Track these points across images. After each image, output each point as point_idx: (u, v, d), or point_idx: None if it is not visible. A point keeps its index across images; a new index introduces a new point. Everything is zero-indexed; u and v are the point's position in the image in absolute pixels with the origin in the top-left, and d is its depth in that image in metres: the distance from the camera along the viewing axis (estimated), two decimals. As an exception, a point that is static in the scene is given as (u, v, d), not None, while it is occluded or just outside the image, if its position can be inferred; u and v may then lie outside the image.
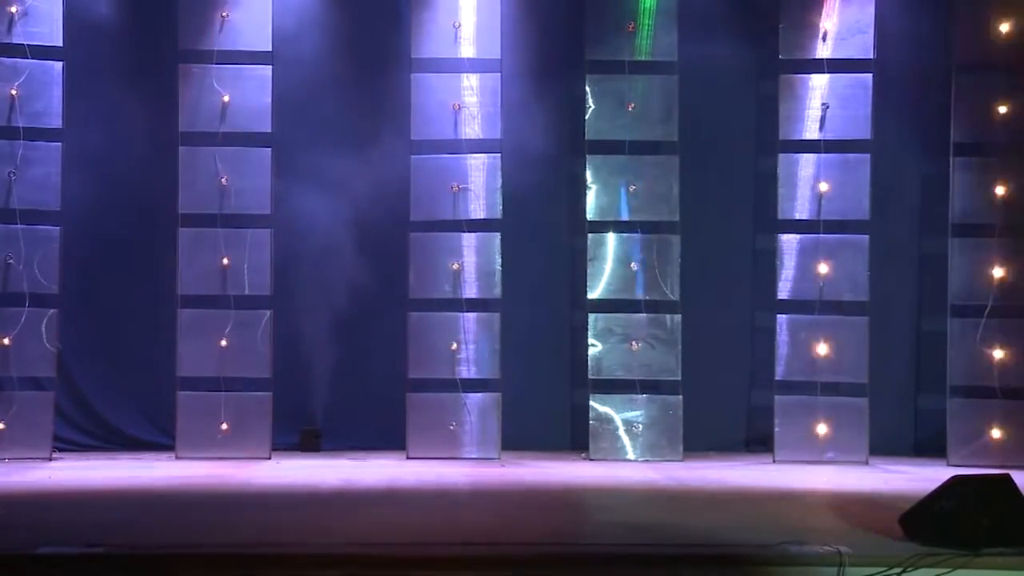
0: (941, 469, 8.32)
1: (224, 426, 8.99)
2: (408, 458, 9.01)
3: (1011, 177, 8.97)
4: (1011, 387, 8.90)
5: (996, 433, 8.89)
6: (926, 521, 5.85)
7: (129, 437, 9.42)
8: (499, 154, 9.14)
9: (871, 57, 9.07)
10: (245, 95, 9.07)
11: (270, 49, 9.11)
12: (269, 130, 9.09)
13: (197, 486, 7.71)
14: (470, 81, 9.15)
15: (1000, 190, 8.97)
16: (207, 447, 8.97)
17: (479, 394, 9.08)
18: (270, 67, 9.10)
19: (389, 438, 9.23)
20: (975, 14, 9.01)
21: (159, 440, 9.33)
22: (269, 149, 9.09)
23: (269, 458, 8.96)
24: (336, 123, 9.37)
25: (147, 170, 9.31)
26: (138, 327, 9.38)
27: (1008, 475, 5.97)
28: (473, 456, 9.02)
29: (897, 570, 5.48)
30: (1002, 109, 8.96)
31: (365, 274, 9.42)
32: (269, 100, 9.07)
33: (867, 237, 9.05)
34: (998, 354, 8.91)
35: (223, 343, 8.97)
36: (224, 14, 9.06)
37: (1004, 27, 8.97)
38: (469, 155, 9.14)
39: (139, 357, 9.39)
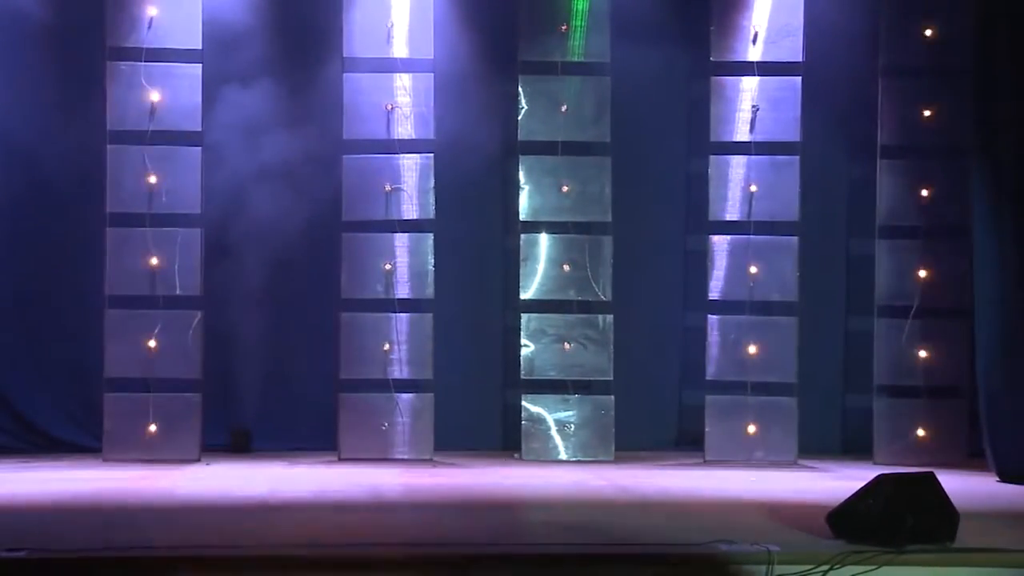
0: (867, 468, 8.47)
1: (152, 428, 8.91)
2: (340, 459, 9.00)
3: (936, 180, 9.13)
4: (935, 386, 9.07)
5: (921, 432, 9.05)
6: (852, 519, 5.95)
7: (54, 440, 9.31)
8: (432, 154, 9.15)
9: (800, 60, 9.19)
10: (175, 93, 8.99)
11: (200, 47, 9.04)
12: (199, 129, 9.03)
13: (123, 489, 7.64)
14: (403, 81, 9.15)
15: (925, 192, 9.13)
16: (135, 449, 8.88)
17: (411, 395, 9.09)
18: (200, 65, 9.03)
19: (321, 439, 9.21)
20: (902, 17, 9.17)
21: (86, 443, 9.22)
22: (199, 148, 9.02)
23: (198, 460, 8.90)
24: (268, 122, 9.32)
25: (74, 169, 9.19)
26: (64, 328, 9.26)
27: (932, 473, 6.09)
28: (405, 457, 9.02)
29: (825, 568, 5.57)
30: (928, 112, 9.12)
31: (297, 274, 9.39)
32: (199, 99, 9.01)
33: (796, 238, 9.18)
34: (923, 354, 9.07)
35: (152, 344, 8.89)
36: (153, 11, 8.97)
37: (929, 31, 9.13)
38: (402, 155, 9.14)
39: (66, 359, 9.28)
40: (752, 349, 9.13)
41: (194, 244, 8.98)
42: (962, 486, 7.68)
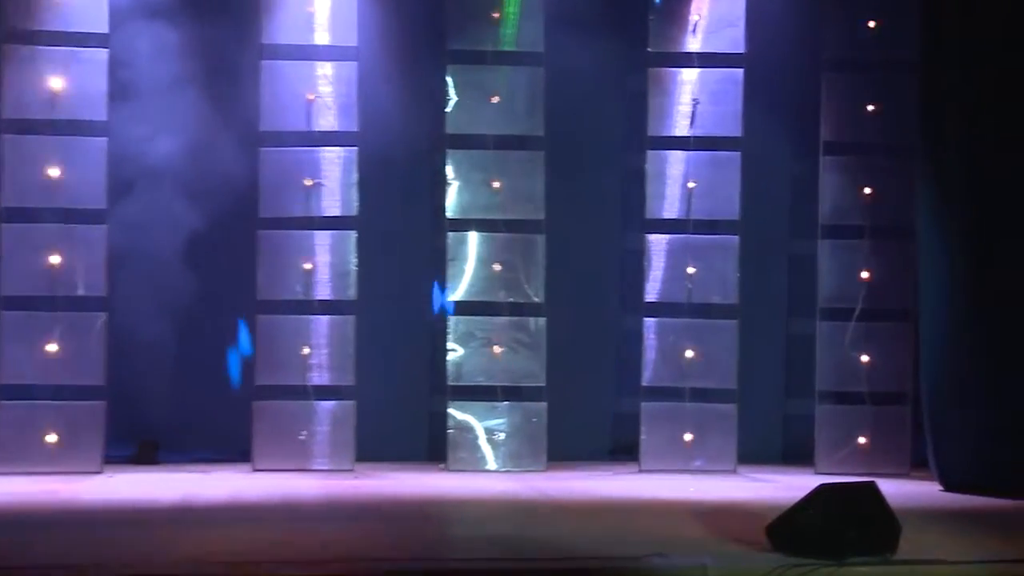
0: (809, 477, 8.61)
1: (52, 438, 8.80)
2: (254, 470, 8.95)
3: (881, 178, 9.26)
4: (879, 392, 9.21)
5: (863, 440, 9.18)
6: (792, 531, 6.03)
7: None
8: (355, 147, 9.12)
9: (742, 51, 9.29)
10: (78, 80, 8.88)
11: (107, 31, 8.94)
12: (105, 118, 8.93)
13: (18, 503, 7.53)
14: (324, 70, 9.11)
15: (869, 191, 9.25)
16: (32, 461, 8.76)
17: (331, 402, 9.06)
18: (106, 50, 8.93)
19: (234, 449, 9.17)
20: (845, 9, 9.30)
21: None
22: (105, 139, 8.92)
23: (101, 472, 8.80)
24: (179, 111, 9.24)
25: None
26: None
27: (873, 483, 6.19)
28: (325, 468, 8.99)
29: (762, 582, 5.63)
30: (872, 108, 9.24)
31: (210, 274, 9.32)
32: (105, 86, 8.91)
33: (737, 238, 9.27)
34: (866, 358, 9.20)
35: (52, 348, 8.79)
36: (56, -9, 8.87)
37: (873, 23, 9.26)
38: (323, 148, 9.10)
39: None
40: (690, 353, 9.20)
41: (98, 241, 8.88)
42: (905, 496, 7.82)
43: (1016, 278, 8.40)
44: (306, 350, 9.02)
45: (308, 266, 9.05)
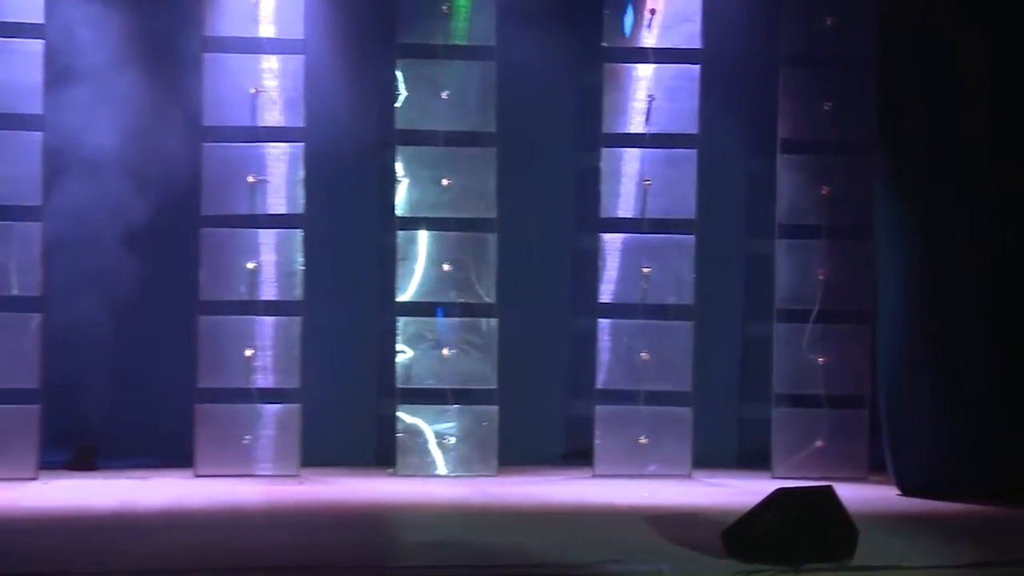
0: (765, 481, 8.61)
1: (-17, 443, 8.68)
2: (196, 476, 8.88)
3: (839, 177, 9.30)
4: (836, 395, 9.24)
5: (820, 443, 9.21)
6: (748, 536, 6.05)
7: None
8: (302, 143, 9.06)
9: (698, 47, 9.30)
10: (11, 71, 8.75)
11: (42, 21, 8.83)
12: (40, 112, 8.81)
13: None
14: (270, 63, 9.04)
15: (827, 190, 9.30)
16: (-39, 467, 8.63)
17: (277, 405, 8.99)
18: (42, 41, 8.81)
19: (175, 454, 9.07)
20: (803, 5, 9.32)
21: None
22: (40, 133, 8.80)
23: (36, 479, 8.68)
24: (118, 105, 9.13)
25: None
26: None
27: (830, 487, 6.22)
28: (269, 473, 8.93)
29: (718, 588, 5.65)
30: (829, 105, 9.28)
31: (150, 274, 9.20)
32: (40, 78, 8.79)
33: (692, 237, 9.28)
34: (823, 360, 9.23)
35: (-17, 349, 8.68)
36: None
37: (831, 20, 9.30)
38: (268, 144, 9.03)
39: None
40: (645, 355, 9.20)
41: (33, 239, 8.76)
42: (863, 500, 7.90)
43: (973, 279, 8.47)
44: (250, 352, 8.95)
45: (252, 265, 8.99)
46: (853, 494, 7.99)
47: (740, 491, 8.35)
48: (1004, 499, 8.11)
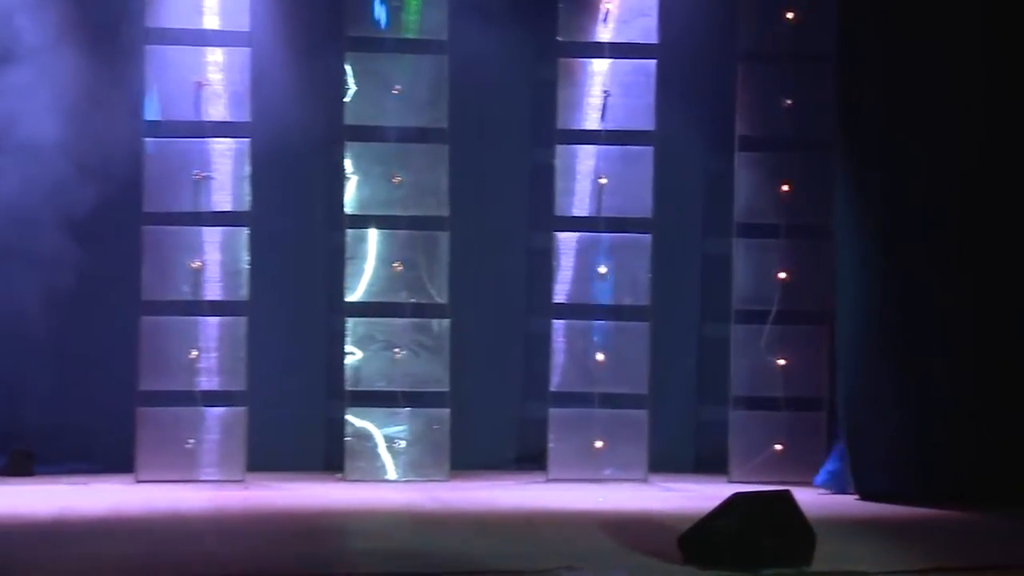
0: (722, 486, 8.62)
1: (-88, 449, 8.59)
2: (138, 481, 8.81)
3: (798, 175, 9.33)
4: (795, 398, 9.27)
5: (779, 447, 9.24)
6: (705, 542, 6.04)
7: None
8: (248, 139, 9.02)
9: (655, 42, 9.30)
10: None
11: (-25, 8, 8.74)
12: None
13: None
14: (215, 56, 8.99)
15: (786, 188, 9.33)
16: None
17: (221, 408, 8.95)
18: (-27, 29, 8.75)
19: (116, 460, 8.99)
20: (760, 0, 9.33)
21: None
22: (-26, 125, 8.75)
23: (-29, 484, 8.61)
24: (59, 97, 9.01)
25: None
26: None
27: (788, 492, 6.23)
28: (214, 478, 8.88)
29: (673, 595, 5.65)
30: (789, 101, 9.31)
31: (91, 272, 9.11)
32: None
33: (649, 236, 9.29)
34: (782, 362, 9.26)
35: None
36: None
37: (791, 14, 9.33)
38: (213, 139, 8.99)
39: None
40: (600, 357, 9.20)
41: (-36, 236, 8.71)
42: (821, 505, 7.94)
43: (935, 281, 8.51)
44: (194, 353, 8.91)
45: (197, 264, 8.94)
46: (811, 499, 8.08)
47: (697, 495, 8.36)
48: (963, 503, 8.15)
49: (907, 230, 8.54)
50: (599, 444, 9.18)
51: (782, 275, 9.32)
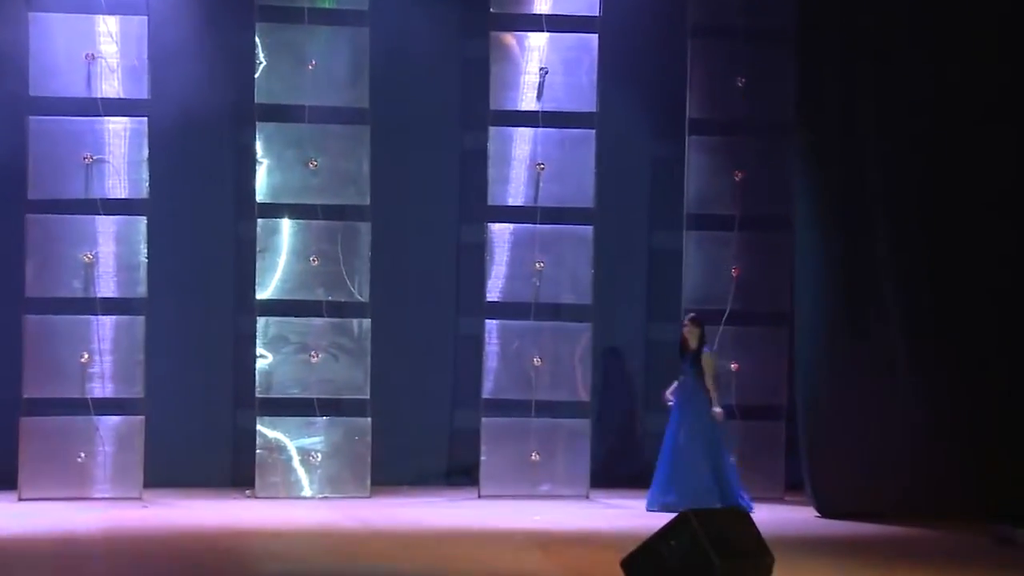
0: (671, 502, 8.62)
1: None
2: (21, 499, 8.66)
3: (754, 161, 9.31)
4: (750, 405, 9.27)
5: (733, 459, 9.16)
6: (653, 564, 5.99)
7: None
8: (145, 118, 8.92)
9: (597, 14, 9.25)
10: None
11: None
12: None
13: None
14: (108, 25, 8.87)
15: (740, 175, 9.30)
16: None
17: (117, 417, 8.86)
18: None
19: (-3, 475, 8.85)
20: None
21: None
22: None
23: None
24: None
25: None
26: None
27: (743, 508, 6.21)
28: (108, 496, 8.78)
29: (616, 623, 5.58)
30: (743, 81, 9.29)
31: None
32: None
33: (591, 228, 9.25)
34: (736, 367, 9.21)
35: None
36: None
37: (742, -13, 9.32)
38: (107, 118, 8.90)
39: None
40: (538, 361, 9.17)
41: None
42: (779, 522, 7.91)
43: (896, 280, 8.50)
44: (86, 356, 8.82)
45: (88, 257, 8.85)
46: (768, 516, 8.09)
47: (642, 514, 8.37)
48: (925, 520, 8.18)
49: (867, 218, 8.52)
50: (536, 457, 9.15)
51: (736, 271, 9.27)
